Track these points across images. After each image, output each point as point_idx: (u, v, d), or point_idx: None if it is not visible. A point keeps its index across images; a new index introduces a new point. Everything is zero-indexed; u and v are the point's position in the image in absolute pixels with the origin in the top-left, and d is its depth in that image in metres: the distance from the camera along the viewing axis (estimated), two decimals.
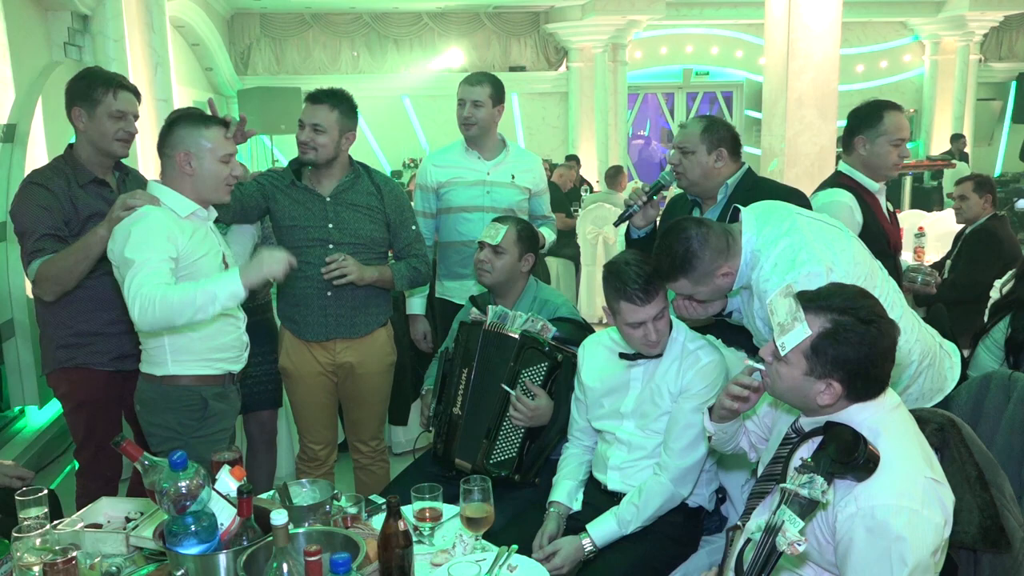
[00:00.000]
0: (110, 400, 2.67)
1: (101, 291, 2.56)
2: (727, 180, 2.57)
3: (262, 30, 11.37)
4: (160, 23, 5.69)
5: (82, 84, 2.57)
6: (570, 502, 2.30)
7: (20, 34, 4.44)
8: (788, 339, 1.59)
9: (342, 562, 1.41)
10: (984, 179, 4.68)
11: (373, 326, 2.85)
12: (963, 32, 12.25)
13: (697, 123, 2.61)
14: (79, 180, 2.58)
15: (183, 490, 1.64)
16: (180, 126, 2.30)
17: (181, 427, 2.33)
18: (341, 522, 1.91)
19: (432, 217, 3.25)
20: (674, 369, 2.21)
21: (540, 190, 3.34)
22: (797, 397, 1.64)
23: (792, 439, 1.71)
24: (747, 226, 2.09)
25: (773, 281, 1.99)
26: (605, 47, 11.18)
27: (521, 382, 2.44)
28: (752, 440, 1.97)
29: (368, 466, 3.01)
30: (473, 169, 3.19)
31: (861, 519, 1.47)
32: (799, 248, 2.02)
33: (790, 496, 1.42)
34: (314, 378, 2.84)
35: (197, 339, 2.30)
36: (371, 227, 2.76)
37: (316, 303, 2.76)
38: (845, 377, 1.56)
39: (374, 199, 2.78)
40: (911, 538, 1.44)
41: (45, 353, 2.68)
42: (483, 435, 2.48)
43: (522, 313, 2.52)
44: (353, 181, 2.76)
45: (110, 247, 2.24)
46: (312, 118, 2.66)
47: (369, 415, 2.97)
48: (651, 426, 2.23)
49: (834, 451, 1.49)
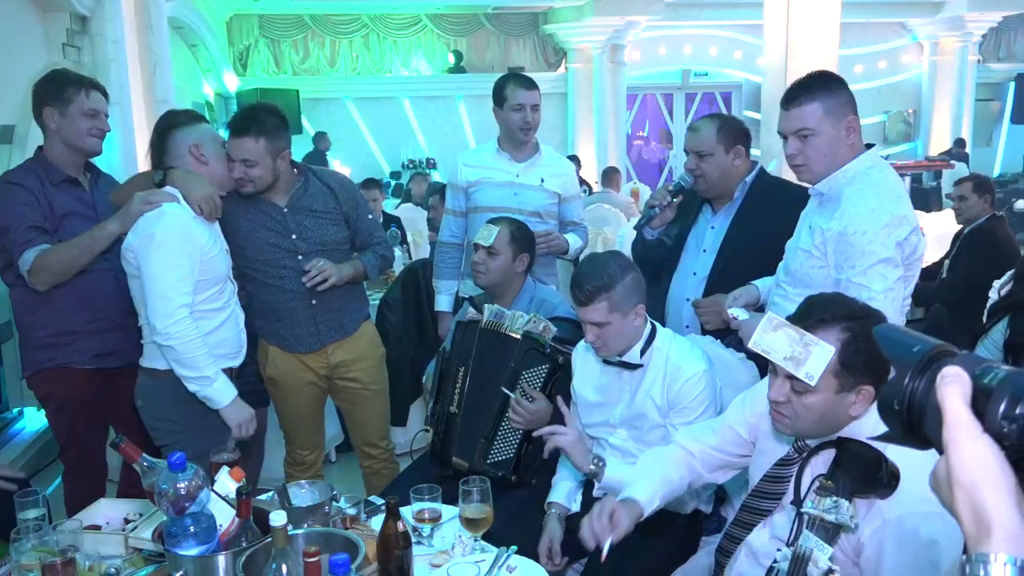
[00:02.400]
0: (93, 399, 2.66)
1: (81, 290, 2.56)
2: (744, 178, 2.56)
3: (261, 31, 11.37)
4: (159, 24, 5.68)
5: (52, 85, 2.58)
6: (569, 503, 2.30)
7: (18, 35, 4.43)
8: (812, 366, 1.49)
9: (341, 563, 1.41)
10: (983, 179, 4.69)
11: (359, 321, 2.87)
12: (961, 33, 12.26)
13: (710, 124, 2.59)
14: (52, 180, 2.58)
15: (182, 491, 1.65)
16: (176, 129, 2.43)
17: (184, 420, 2.36)
18: (340, 523, 1.91)
19: (462, 216, 3.25)
20: (659, 382, 2.17)
21: (571, 195, 3.30)
22: (826, 422, 1.57)
23: (794, 459, 1.67)
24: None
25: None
26: (604, 48, 11.18)
27: (520, 385, 2.44)
28: (712, 467, 1.92)
29: (380, 470, 2.98)
30: (503, 170, 3.18)
31: (890, 532, 1.45)
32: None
33: (814, 521, 1.39)
34: (304, 387, 2.82)
35: (202, 334, 2.33)
36: (333, 230, 2.72)
37: (303, 314, 2.72)
38: (875, 377, 1.52)
39: (330, 200, 2.72)
40: (943, 540, 1.43)
41: (25, 356, 2.66)
42: (481, 435, 2.48)
43: (523, 313, 2.51)
44: (304, 186, 2.69)
45: (129, 238, 2.32)
46: (239, 153, 2.51)
47: (373, 412, 2.95)
48: (644, 438, 2.21)
49: (854, 470, 1.44)
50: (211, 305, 2.40)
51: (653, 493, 1.82)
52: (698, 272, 2.66)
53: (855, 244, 2.07)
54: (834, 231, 2.11)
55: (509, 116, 3.11)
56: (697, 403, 2.13)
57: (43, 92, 2.58)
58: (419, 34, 11.75)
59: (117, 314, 2.66)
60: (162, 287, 2.27)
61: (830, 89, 2.16)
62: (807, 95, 2.15)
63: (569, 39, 11.42)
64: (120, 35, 5.13)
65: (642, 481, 1.84)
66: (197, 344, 2.29)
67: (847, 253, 2.09)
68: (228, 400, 2.35)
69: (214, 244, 2.40)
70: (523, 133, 3.13)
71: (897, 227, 2.07)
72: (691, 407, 2.13)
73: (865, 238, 2.05)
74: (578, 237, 3.30)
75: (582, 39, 11.24)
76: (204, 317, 2.37)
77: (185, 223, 2.31)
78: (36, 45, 4.70)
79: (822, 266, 2.17)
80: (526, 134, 3.14)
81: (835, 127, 2.14)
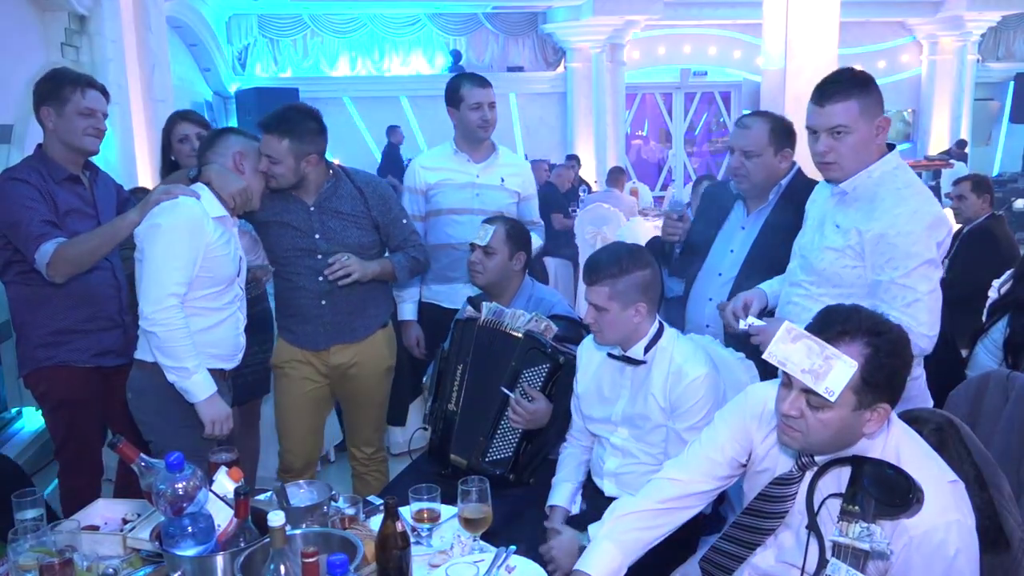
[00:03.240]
0: (91, 398, 2.65)
1: (79, 288, 2.55)
2: (780, 180, 2.54)
3: (260, 30, 11.37)
4: (158, 23, 5.68)
5: (50, 84, 2.57)
6: (569, 505, 2.30)
7: (17, 34, 4.43)
8: (833, 381, 1.43)
9: (339, 563, 1.40)
10: (982, 179, 4.69)
11: (372, 328, 2.82)
12: (961, 32, 12.27)
13: (762, 122, 2.55)
14: (54, 177, 2.58)
15: (180, 492, 1.64)
16: (232, 134, 2.52)
17: (170, 415, 2.35)
18: (339, 523, 1.91)
19: (420, 220, 3.20)
20: (661, 382, 2.17)
21: (529, 195, 3.31)
22: (841, 439, 1.52)
23: (796, 478, 1.63)
24: None
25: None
26: (603, 47, 11.19)
27: (520, 385, 2.44)
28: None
29: (364, 474, 2.98)
30: (462, 171, 3.16)
31: (917, 548, 1.44)
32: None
33: (845, 551, 1.36)
34: (302, 380, 2.80)
35: (193, 330, 2.33)
36: (358, 233, 2.71)
37: (311, 313, 2.73)
38: (892, 395, 1.48)
39: (359, 204, 2.71)
40: (966, 548, 1.43)
41: (23, 354, 2.65)
42: (480, 433, 2.48)
43: (524, 312, 2.51)
44: (335, 187, 2.69)
45: (141, 224, 2.34)
46: (264, 148, 2.55)
47: (363, 420, 2.94)
48: (646, 438, 2.21)
49: (880, 493, 1.42)
50: (209, 304, 2.39)
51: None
52: (724, 273, 2.64)
53: (899, 246, 2.04)
54: (874, 232, 2.08)
55: (467, 115, 3.10)
56: (698, 407, 2.11)
57: (41, 91, 2.58)
58: (418, 33, 11.76)
59: (116, 312, 2.66)
60: (157, 272, 2.27)
61: (866, 87, 2.12)
62: (843, 92, 2.09)
63: (568, 38, 11.41)
64: (119, 34, 5.13)
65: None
66: (181, 334, 2.28)
67: (889, 254, 2.06)
68: (205, 395, 2.33)
69: (224, 245, 2.39)
70: (483, 131, 3.13)
71: (938, 228, 2.07)
72: (692, 411, 2.12)
73: (909, 239, 2.03)
74: (538, 236, 3.26)
75: (581, 38, 11.24)
76: (199, 314, 2.36)
77: (195, 217, 2.31)
78: (34, 45, 4.69)
79: (855, 266, 2.14)
80: (485, 132, 3.14)
81: (869, 126, 2.11)
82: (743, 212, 2.67)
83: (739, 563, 1.75)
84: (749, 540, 1.72)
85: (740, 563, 1.75)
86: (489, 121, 3.12)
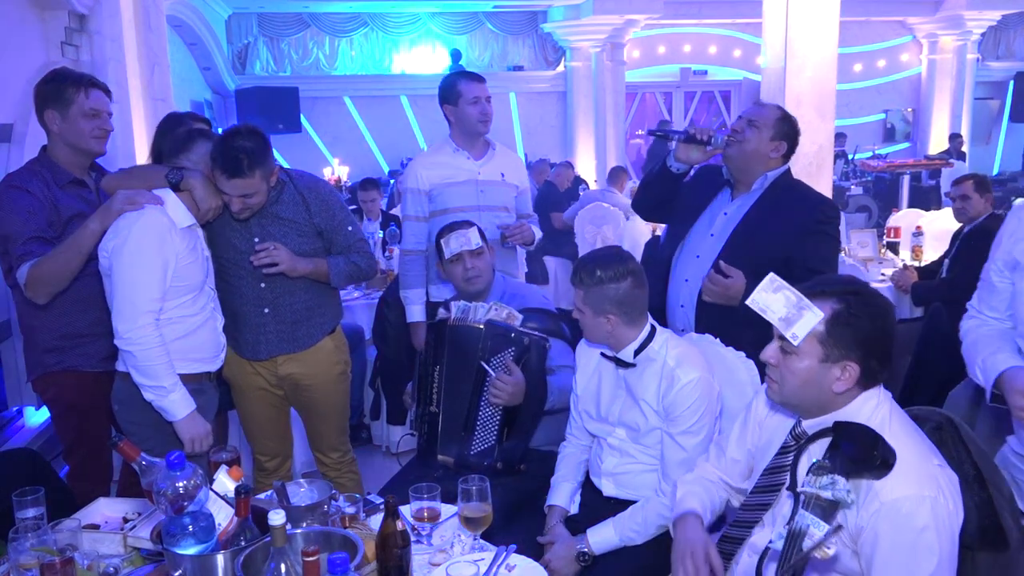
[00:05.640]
0: (99, 402, 2.61)
1: (85, 291, 2.52)
2: (767, 172, 2.57)
3: (260, 29, 11.37)
4: (158, 22, 5.67)
5: (52, 86, 2.53)
6: (568, 505, 2.30)
7: (16, 33, 4.43)
8: (799, 328, 1.56)
9: (340, 562, 1.40)
10: (983, 178, 4.69)
11: (317, 337, 2.74)
12: (961, 31, 12.27)
13: (776, 109, 2.62)
14: (58, 181, 2.54)
15: (180, 490, 1.65)
16: (207, 139, 2.47)
17: (159, 424, 2.34)
18: (339, 522, 1.91)
19: (425, 221, 3.19)
20: (654, 385, 2.16)
21: (525, 188, 3.37)
22: (810, 391, 1.61)
23: (791, 447, 1.68)
24: None
25: None
26: (603, 46, 11.19)
27: (494, 365, 2.46)
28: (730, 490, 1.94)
29: (336, 479, 2.91)
30: (464, 169, 3.17)
31: (886, 515, 1.46)
32: None
33: (810, 500, 1.39)
34: (256, 392, 2.76)
35: (172, 338, 2.33)
36: (299, 240, 2.62)
37: (254, 321, 2.66)
38: (862, 356, 1.55)
39: (300, 210, 2.62)
40: (936, 526, 1.45)
41: (30, 358, 2.63)
42: (461, 427, 2.49)
43: (484, 304, 2.53)
44: (278, 193, 2.59)
45: (106, 238, 2.28)
46: (238, 190, 2.42)
47: (326, 427, 2.88)
48: (642, 440, 2.20)
49: (850, 450, 1.46)
50: (184, 311, 2.37)
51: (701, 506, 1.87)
52: (701, 256, 2.63)
53: None
54: None
55: (467, 111, 3.11)
56: (691, 412, 2.10)
57: (44, 94, 2.54)
58: (418, 32, 11.76)
59: None
60: (129, 291, 2.25)
61: None
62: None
63: (568, 37, 11.41)
64: (119, 33, 5.13)
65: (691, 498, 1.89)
66: (158, 353, 2.26)
67: None
68: (183, 414, 2.32)
69: (191, 251, 2.36)
70: (483, 125, 3.14)
71: None
72: (685, 416, 2.10)
73: None
74: (536, 228, 3.33)
75: (581, 37, 11.23)
76: (178, 322, 2.35)
77: (162, 230, 2.28)
78: (34, 43, 4.69)
79: None
80: (486, 126, 3.15)
81: None
82: (728, 197, 2.69)
83: (739, 545, 1.77)
84: (750, 519, 1.76)
85: (740, 545, 1.77)
86: (488, 115, 3.14)
